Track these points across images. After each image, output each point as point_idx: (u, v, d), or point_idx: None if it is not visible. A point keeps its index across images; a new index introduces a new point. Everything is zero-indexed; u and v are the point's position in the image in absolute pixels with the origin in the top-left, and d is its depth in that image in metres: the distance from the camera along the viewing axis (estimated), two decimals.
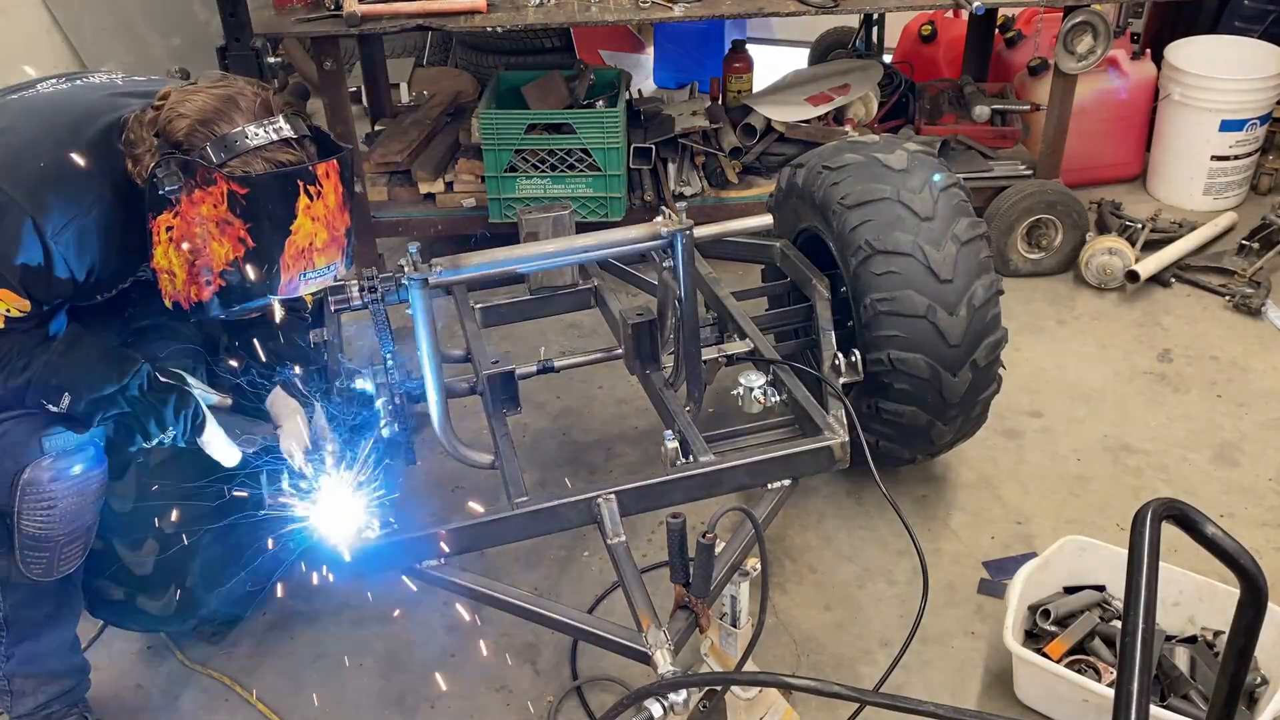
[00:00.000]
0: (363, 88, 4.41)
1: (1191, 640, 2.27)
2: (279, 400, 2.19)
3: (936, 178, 2.44)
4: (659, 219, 2.17)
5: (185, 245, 1.80)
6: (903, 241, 2.36)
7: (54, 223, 1.80)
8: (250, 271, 1.83)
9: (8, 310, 1.81)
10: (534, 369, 2.55)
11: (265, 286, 1.86)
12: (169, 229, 1.81)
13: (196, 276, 1.83)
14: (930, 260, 2.35)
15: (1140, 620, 1.12)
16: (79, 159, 1.83)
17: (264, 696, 2.38)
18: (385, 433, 2.30)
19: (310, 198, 1.81)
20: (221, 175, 1.76)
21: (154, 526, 2.06)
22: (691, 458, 2.20)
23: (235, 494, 2.09)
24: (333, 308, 2.21)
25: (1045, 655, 2.22)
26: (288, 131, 1.83)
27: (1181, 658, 2.21)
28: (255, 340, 2.24)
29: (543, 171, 3.54)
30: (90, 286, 1.92)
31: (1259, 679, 2.15)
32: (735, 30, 5.07)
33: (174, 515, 2.08)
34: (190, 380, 2.06)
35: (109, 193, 1.86)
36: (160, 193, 1.77)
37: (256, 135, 1.79)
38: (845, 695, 1.29)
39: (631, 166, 3.69)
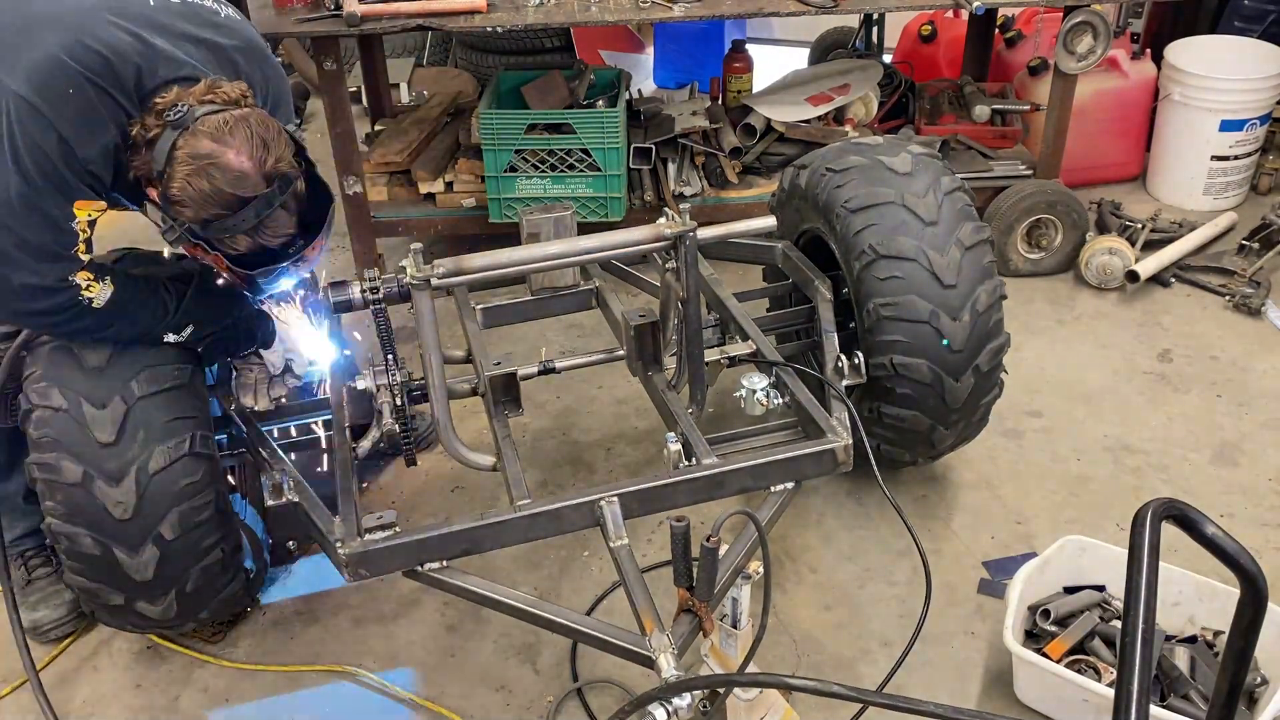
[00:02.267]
0: (363, 88, 4.41)
1: (1191, 640, 2.28)
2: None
3: (941, 182, 2.44)
4: (663, 220, 2.17)
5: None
6: (906, 246, 2.36)
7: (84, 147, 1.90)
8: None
9: (90, 215, 1.94)
10: (535, 370, 2.56)
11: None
12: None
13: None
14: (934, 265, 2.34)
15: (1140, 620, 1.12)
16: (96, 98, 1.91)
17: (263, 696, 2.39)
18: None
19: (296, 264, 2.03)
20: (211, 250, 1.94)
21: (153, 532, 2.06)
22: (694, 460, 2.20)
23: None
24: (334, 308, 2.22)
25: (1045, 655, 2.23)
26: (278, 237, 1.97)
27: (1181, 658, 2.22)
28: None
29: (543, 171, 3.54)
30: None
31: (1259, 679, 2.16)
32: (735, 30, 5.07)
33: (174, 520, 2.09)
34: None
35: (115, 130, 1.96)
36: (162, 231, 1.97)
37: (248, 222, 1.90)
38: (846, 695, 1.29)
39: (631, 166, 3.68)
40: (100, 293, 2.00)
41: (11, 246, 1.90)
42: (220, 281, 2.14)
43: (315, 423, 2.71)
